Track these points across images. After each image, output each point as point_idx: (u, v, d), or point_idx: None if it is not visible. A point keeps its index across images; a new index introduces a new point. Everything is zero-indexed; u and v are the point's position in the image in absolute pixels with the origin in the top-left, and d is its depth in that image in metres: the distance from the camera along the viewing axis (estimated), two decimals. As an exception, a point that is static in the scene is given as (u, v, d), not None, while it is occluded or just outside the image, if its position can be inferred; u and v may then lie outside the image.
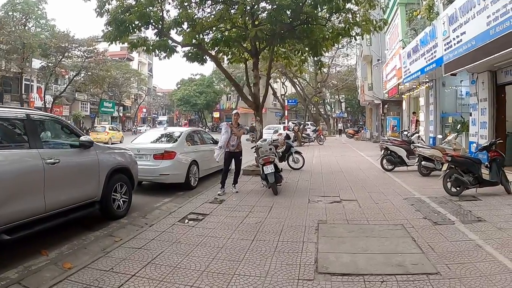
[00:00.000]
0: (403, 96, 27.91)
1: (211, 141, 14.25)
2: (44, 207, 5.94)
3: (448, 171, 9.71)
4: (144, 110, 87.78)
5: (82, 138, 7.22)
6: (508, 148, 13.38)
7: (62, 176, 6.41)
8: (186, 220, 7.61)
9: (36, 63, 42.14)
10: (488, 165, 10.01)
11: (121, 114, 70.59)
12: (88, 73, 46.36)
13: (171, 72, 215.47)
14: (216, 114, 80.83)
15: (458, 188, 9.52)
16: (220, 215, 8.09)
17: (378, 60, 33.06)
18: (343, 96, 73.84)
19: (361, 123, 63.77)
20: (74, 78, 47.06)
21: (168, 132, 13.21)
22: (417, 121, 23.58)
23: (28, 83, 44.74)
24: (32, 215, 5.76)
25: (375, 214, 7.93)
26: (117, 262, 5.28)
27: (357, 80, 48.73)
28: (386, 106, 34.80)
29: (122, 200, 8.22)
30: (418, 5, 20.20)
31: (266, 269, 5.02)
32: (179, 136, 12.24)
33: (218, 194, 10.32)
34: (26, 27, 37.93)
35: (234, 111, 11.62)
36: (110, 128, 40.03)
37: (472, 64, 12.14)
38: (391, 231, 6.66)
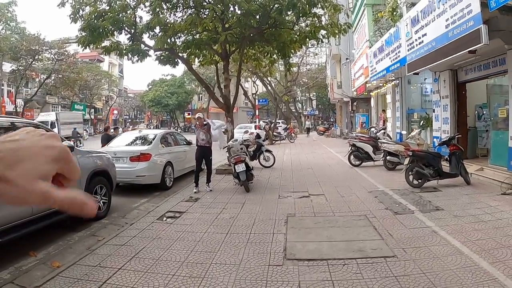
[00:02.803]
0: (371, 93, 28.58)
1: (184, 142, 14.59)
2: (31, 210, 6.26)
3: (409, 165, 10.34)
4: (116, 111, 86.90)
5: (63, 143, 7.49)
6: (469, 142, 14.26)
7: None
8: (164, 218, 8.05)
9: (7, 67, 41.52)
10: (448, 158, 10.69)
11: (92, 117, 69.79)
12: (59, 75, 45.82)
13: (142, 73, 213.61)
14: (188, 115, 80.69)
15: (419, 181, 10.21)
16: (196, 212, 8.57)
17: (347, 59, 33.75)
18: (314, 93, 74.11)
19: (332, 120, 64.40)
20: (45, 81, 46.42)
21: (143, 134, 13.51)
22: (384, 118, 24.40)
23: (-3, 87, 44.10)
24: (21, 218, 6.07)
25: (341, 207, 8.53)
26: (103, 258, 5.69)
27: (327, 78, 49.32)
28: (355, 103, 35.64)
29: (102, 202, 8.56)
30: (385, 6, 20.85)
31: (240, 258, 5.54)
32: (153, 139, 12.57)
33: (194, 192, 10.80)
34: (-4, 30, 37.30)
35: (197, 115, 12.04)
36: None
37: (433, 64, 12.82)
38: (355, 221, 7.26)
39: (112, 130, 16.56)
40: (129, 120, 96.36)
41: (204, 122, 11.54)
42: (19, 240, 6.14)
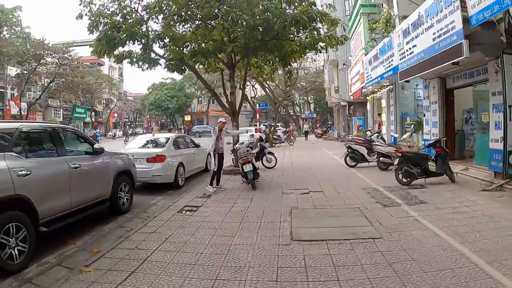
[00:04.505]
0: (367, 98, 29.55)
1: (192, 145, 15.63)
2: (70, 204, 7.26)
3: (399, 165, 11.52)
4: (116, 115, 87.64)
5: (95, 146, 8.65)
6: (457, 144, 15.49)
7: (82, 178, 7.74)
8: (184, 211, 9.14)
9: (12, 71, 42.39)
10: (434, 159, 11.91)
11: (93, 120, 70.65)
12: (62, 79, 46.53)
13: (141, 76, 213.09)
14: (188, 118, 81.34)
15: (408, 179, 11.39)
16: (211, 206, 9.67)
17: (344, 64, 34.61)
18: (312, 97, 74.56)
19: (330, 123, 64.95)
20: (49, 85, 47.19)
21: (156, 138, 14.56)
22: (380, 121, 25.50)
23: (3, 90, 44.97)
24: (62, 210, 7.04)
25: (337, 201, 9.73)
26: (139, 243, 6.74)
27: (325, 83, 50.12)
28: (352, 107, 36.48)
29: (126, 198, 9.59)
30: (380, 15, 21.95)
31: (254, 240, 6.69)
32: (166, 142, 13.60)
33: (216, 189, 11.83)
34: (1, 35, 37.93)
35: (221, 120, 12.83)
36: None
37: (422, 73, 13.90)
38: (349, 212, 8.51)
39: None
40: (129, 123, 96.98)
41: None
42: (59, 231, 6.96)
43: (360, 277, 4.99)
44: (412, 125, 19.31)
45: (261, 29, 14.22)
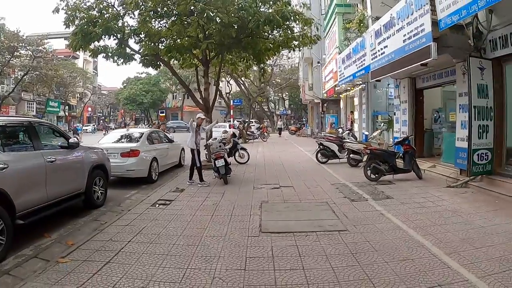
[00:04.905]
0: (340, 96, 29.94)
1: (166, 140, 15.75)
2: (47, 197, 7.35)
3: (368, 161, 11.86)
4: (89, 109, 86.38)
5: (71, 140, 8.71)
6: (426, 142, 15.99)
7: (58, 172, 7.82)
8: (157, 205, 9.32)
9: (-16, 64, 41.56)
10: (402, 156, 12.31)
11: (66, 114, 69.56)
12: (36, 72, 45.90)
13: (116, 70, 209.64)
14: (162, 113, 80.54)
15: (376, 175, 11.78)
16: (183, 200, 9.87)
17: (318, 62, 34.90)
18: (287, 93, 74.69)
19: (304, 120, 65.39)
20: (22, 78, 46.47)
21: (130, 132, 14.65)
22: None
23: (-26, 83, 44.08)
24: (38, 203, 7.12)
25: (306, 196, 10.04)
26: (113, 235, 6.90)
27: (300, 80, 50.53)
28: (325, 105, 36.90)
29: (100, 192, 9.70)
30: (354, 15, 22.32)
31: (225, 232, 6.94)
32: (140, 136, 13.71)
33: (198, 184, 12.03)
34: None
35: (200, 115, 13.10)
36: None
37: (392, 73, 14.29)
38: (317, 206, 8.81)
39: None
40: (103, 118, 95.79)
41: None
42: (35, 224, 7.07)
43: (324, 266, 5.26)
44: (382, 123, 19.82)
45: (235, 27, 14.39)
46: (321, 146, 16.94)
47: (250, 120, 42.63)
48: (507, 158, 11.02)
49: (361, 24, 19.43)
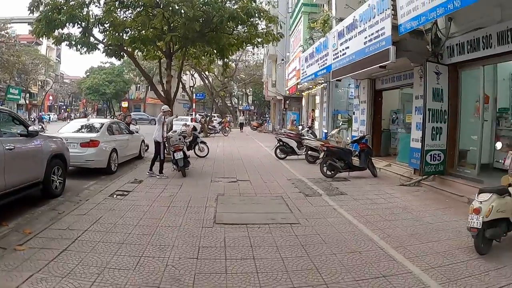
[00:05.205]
0: (302, 93, 30.37)
1: (127, 132, 15.61)
2: (4, 185, 7.22)
3: (324, 158, 12.13)
4: (51, 97, 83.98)
5: (30, 128, 8.56)
6: (383, 142, 16.50)
7: (16, 160, 7.71)
8: (115, 195, 9.33)
9: None
10: (358, 154, 12.66)
11: (27, 102, 67.35)
12: (-3, 58, 44.33)
13: (79, 58, 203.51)
14: (125, 104, 79.07)
15: (332, 172, 12.12)
16: (141, 191, 9.91)
17: (282, 60, 35.23)
18: (251, 89, 74.80)
19: (267, 116, 65.67)
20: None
21: (91, 123, 14.42)
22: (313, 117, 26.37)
23: None
24: (-4, 191, 7.02)
25: (262, 190, 10.25)
26: (70, 224, 6.89)
27: (264, 76, 50.77)
28: (287, 102, 37.31)
29: (59, 181, 9.55)
30: (319, 14, 22.62)
31: (180, 222, 7.07)
32: (101, 127, 13.55)
33: (158, 178, 11.97)
34: None
35: (165, 108, 13.23)
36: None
37: (352, 74, 14.69)
38: (272, 200, 9.04)
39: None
40: (64, 107, 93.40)
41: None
42: None
43: (274, 256, 5.45)
44: (341, 122, 20.23)
45: (200, 21, 14.42)
46: (280, 142, 17.19)
47: (212, 115, 42.56)
48: (459, 160, 11.53)
49: (325, 25, 19.73)
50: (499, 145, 7.71)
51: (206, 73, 40.71)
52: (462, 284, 4.72)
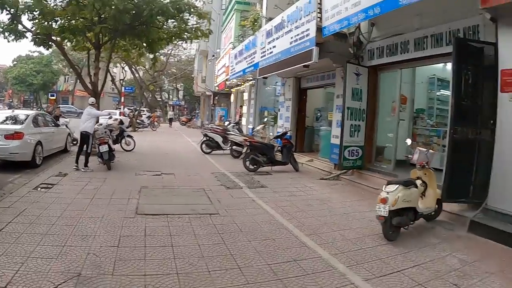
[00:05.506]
0: (231, 90, 30.72)
1: (52, 124, 15.21)
2: None
3: (247, 153, 12.50)
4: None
5: None
6: (307, 138, 17.25)
7: None
8: (39, 188, 9.19)
9: None
10: (281, 149, 13.11)
11: None
12: None
13: (6, 46, 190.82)
14: (52, 96, 75.66)
15: (255, 166, 12.56)
16: (66, 184, 9.83)
17: (213, 55, 35.40)
18: (182, 84, 74.42)
19: (197, 111, 65.53)
20: None
21: (15, 114, 13.93)
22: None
23: None
24: None
25: (185, 183, 10.49)
26: None
27: (195, 71, 50.69)
28: (216, 97, 37.64)
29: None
30: (250, 13, 23.00)
31: (102, 213, 7.18)
32: (25, 119, 13.15)
33: (82, 169, 11.88)
34: None
35: (92, 100, 13.19)
36: None
37: (277, 72, 15.23)
38: (194, 192, 9.30)
39: None
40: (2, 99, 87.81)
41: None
42: None
43: (192, 243, 5.74)
44: (266, 118, 20.75)
45: (130, 14, 14.28)
46: (206, 137, 17.36)
47: (141, 109, 41.92)
48: (376, 155, 12.37)
49: (256, 23, 20.14)
50: (409, 141, 8.40)
51: (137, 66, 40.07)
52: (368, 267, 5.20)
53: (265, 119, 20.66)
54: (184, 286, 4.38)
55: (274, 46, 15.17)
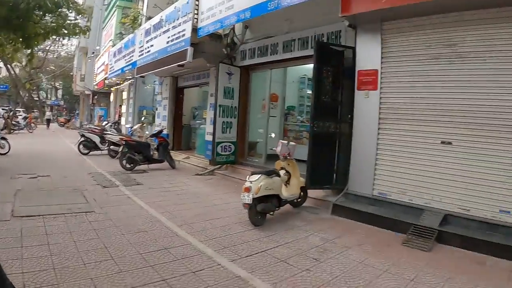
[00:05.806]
0: (111, 89, 30.33)
1: None
2: None
3: (123, 152, 12.69)
4: None
5: None
6: (184, 136, 17.83)
7: None
8: None
9: None
10: (157, 148, 13.50)
11: None
12: None
13: None
14: None
15: (131, 165, 12.79)
16: None
17: (93, 53, 34.65)
18: (61, 83, 71.66)
19: (77, 111, 63.27)
20: None
21: None
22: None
23: None
24: None
25: (62, 184, 10.36)
26: None
27: (74, 69, 48.98)
28: (96, 97, 36.80)
29: None
30: (131, 10, 22.93)
31: None
32: None
33: None
34: None
35: None
36: None
37: (154, 71, 15.52)
38: (70, 192, 9.28)
39: None
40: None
41: None
42: None
43: (68, 241, 5.89)
44: (144, 117, 20.95)
45: (7, 7, 13.67)
46: (83, 138, 17.06)
47: (17, 109, 39.67)
48: (249, 150, 13.20)
49: (136, 21, 20.16)
50: (273, 134, 9.26)
51: (12, 62, 37.86)
52: (234, 249, 5.76)
53: (143, 118, 20.78)
54: (61, 279, 4.57)
55: (152, 45, 15.39)
